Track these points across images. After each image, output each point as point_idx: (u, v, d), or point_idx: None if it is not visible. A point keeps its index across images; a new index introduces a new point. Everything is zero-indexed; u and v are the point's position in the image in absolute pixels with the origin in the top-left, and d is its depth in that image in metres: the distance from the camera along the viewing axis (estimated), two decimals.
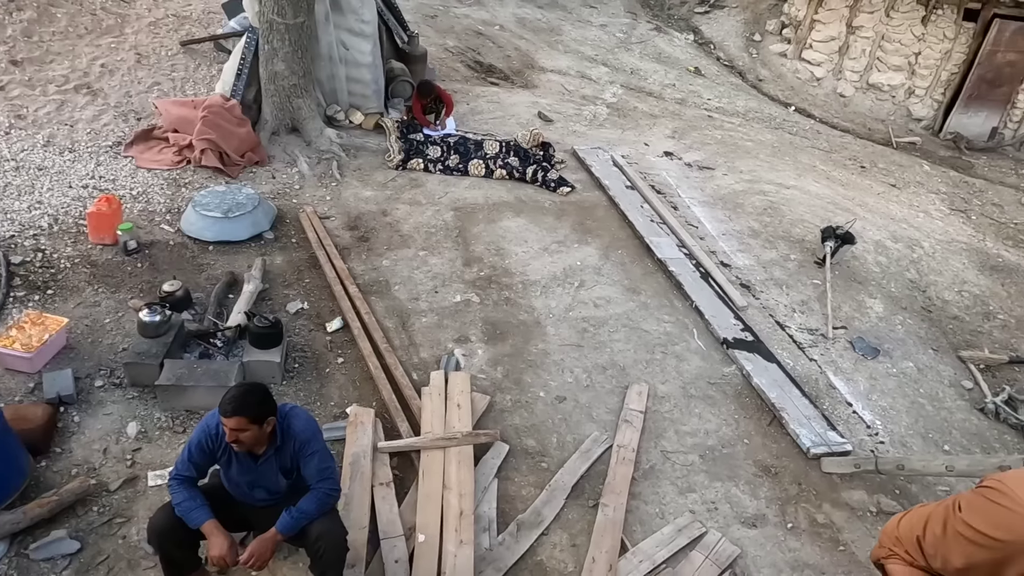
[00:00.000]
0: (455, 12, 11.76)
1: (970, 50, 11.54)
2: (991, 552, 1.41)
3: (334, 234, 6.03)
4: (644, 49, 12.54)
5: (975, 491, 1.47)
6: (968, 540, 1.46)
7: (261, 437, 3.03)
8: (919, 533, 1.60)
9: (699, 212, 7.26)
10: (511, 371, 4.95)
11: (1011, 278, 7.62)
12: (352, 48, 7.35)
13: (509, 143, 7.47)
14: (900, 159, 10.62)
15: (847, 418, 5.07)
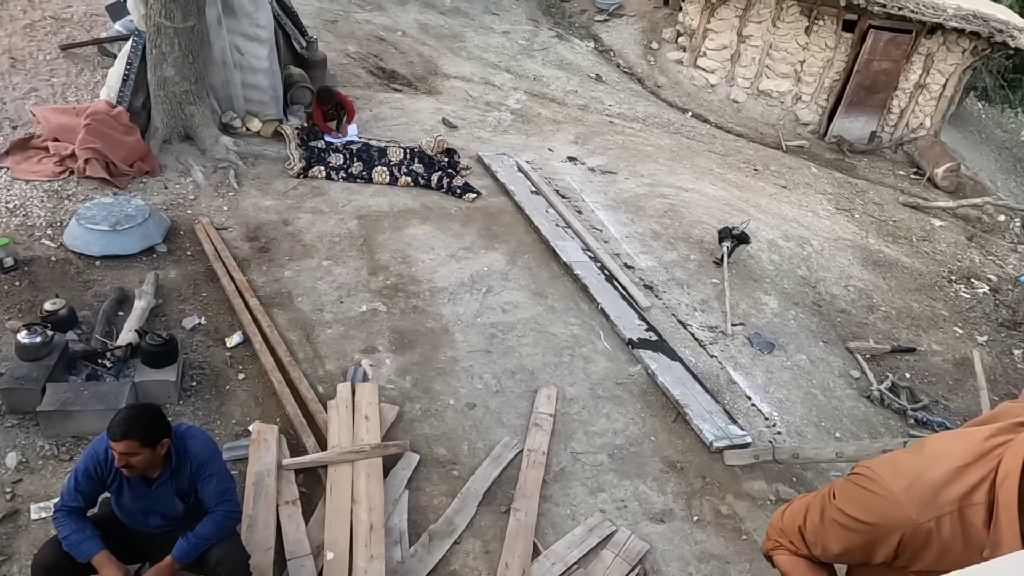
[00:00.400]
0: (356, 17, 11.60)
1: (849, 59, 12.27)
2: (862, 536, 1.47)
3: (232, 245, 5.82)
4: (546, 56, 12.71)
5: (846, 479, 1.55)
6: (841, 526, 1.51)
7: (154, 460, 2.88)
8: (800, 523, 1.65)
9: (603, 216, 7.41)
10: (420, 380, 4.91)
11: (891, 272, 8.14)
12: (247, 53, 7.13)
13: (413, 150, 7.41)
14: (790, 162, 11.17)
15: (747, 411, 5.28)
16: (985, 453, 1.37)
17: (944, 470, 1.38)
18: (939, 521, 1.37)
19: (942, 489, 1.37)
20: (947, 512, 1.36)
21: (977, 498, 1.35)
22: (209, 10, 6.71)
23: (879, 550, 1.45)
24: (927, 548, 1.40)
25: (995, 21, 11.31)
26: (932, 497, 1.37)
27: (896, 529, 1.41)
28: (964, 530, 1.36)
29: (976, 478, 1.36)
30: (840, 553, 1.56)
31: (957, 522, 1.36)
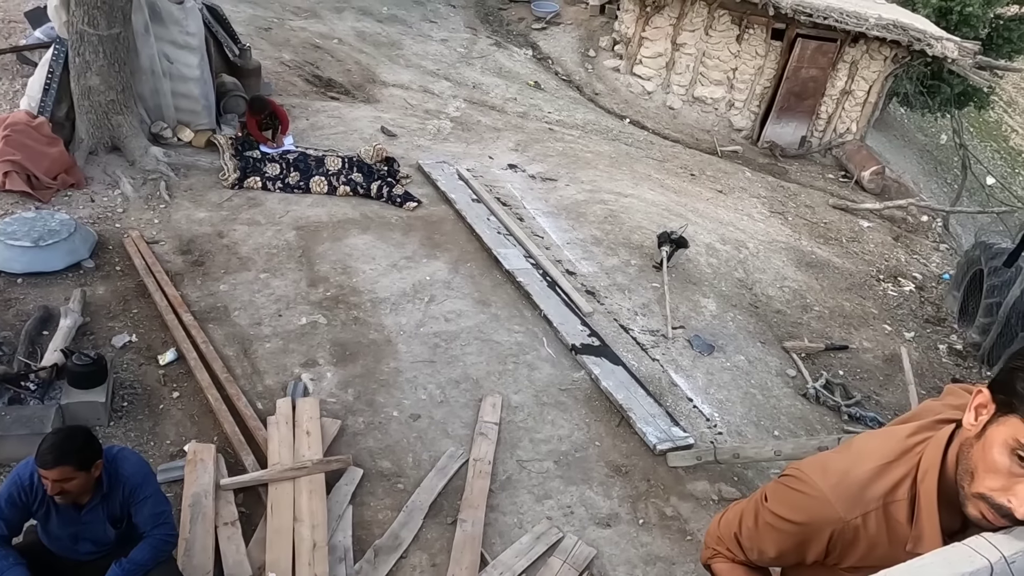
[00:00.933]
0: (291, 25, 11.41)
1: (779, 66, 12.64)
2: (795, 536, 1.50)
3: (164, 259, 5.64)
4: (485, 64, 12.74)
5: (777, 481, 1.58)
6: (775, 528, 1.54)
7: (89, 484, 2.77)
8: (736, 530, 1.67)
9: (544, 222, 7.45)
10: (363, 392, 4.83)
11: (823, 273, 8.40)
12: (177, 61, 6.93)
13: (352, 159, 7.32)
14: (725, 167, 11.44)
15: (688, 413, 5.36)
16: (907, 451, 1.41)
17: (869, 468, 1.41)
18: (865, 518, 1.40)
19: (867, 487, 1.40)
20: (873, 509, 1.40)
21: (900, 494, 1.39)
22: (135, 17, 6.51)
23: (811, 549, 1.49)
24: (855, 544, 1.43)
25: (913, 30, 11.82)
26: (858, 495, 1.41)
27: (826, 527, 1.44)
28: (889, 526, 1.40)
29: (899, 475, 1.40)
30: (776, 556, 1.58)
31: (882, 518, 1.40)
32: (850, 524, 1.41)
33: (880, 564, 1.33)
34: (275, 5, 12.07)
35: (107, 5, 6.05)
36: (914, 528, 1.38)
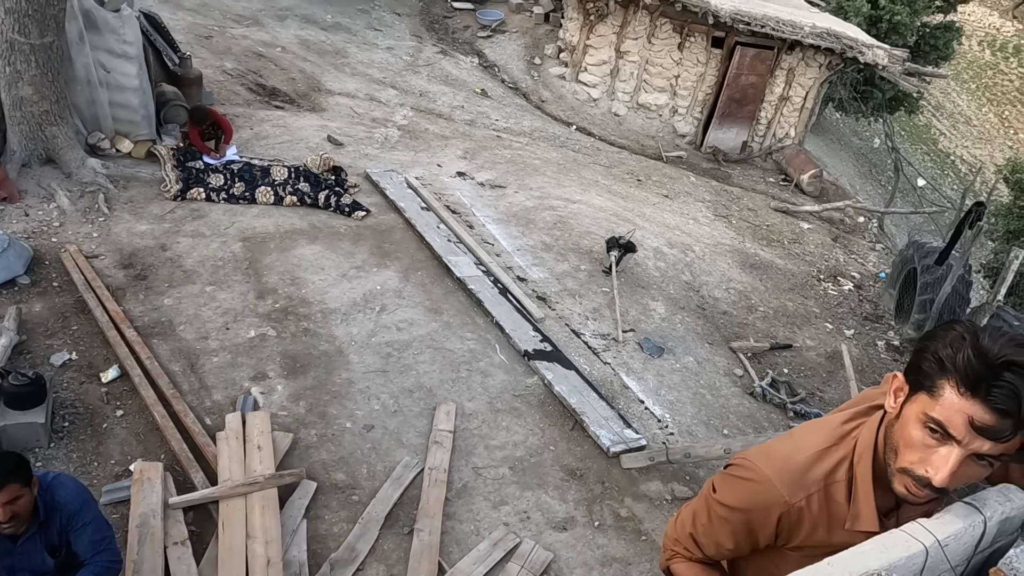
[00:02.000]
0: (232, 33, 11.22)
1: (719, 73, 12.94)
2: (746, 524, 1.56)
3: (105, 274, 5.48)
4: (432, 72, 12.73)
5: (724, 472, 1.64)
6: (726, 520, 1.60)
7: (31, 505, 2.69)
8: (690, 529, 1.71)
9: (494, 229, 7.48)
10: (315, 404, 4.78)
11: (767, 274, 8.63)
12: (114, 71, 6.75)
13: (298, 168, 7.23)
14: (670, 172, 11.65)
15: (640, 414, 5.44)
16: (843, 436, 1.50)
17: (809, 453, 1.49)
18: (809, 500, 1.48)
19: (809, 470, 1.48)
20: (815, 491, 1.48)
21: (839, 476, 1.47)
22: (69, 25, 6.32)
23: (762, 533, 1.55)
24: (800, 525, 1.50)
25: (846, 38, 12.25)
26: (801, 478, 1.48)
27: (774, 510, 1.50)
28: (829, 506, 1.48)
29: (837, 458, 1.48)
30: (734, 547, 1.63)
31: (824, 499, 1.48)
32: (795, 506, 1.48)
33: (823, 543, 1.44)
34: (215, 13, 11.85)
35: (39, 13, 5.87)
36: (852, 507, 1.47)
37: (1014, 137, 26.51)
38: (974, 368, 1.24)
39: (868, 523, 1.45)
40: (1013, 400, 1.21)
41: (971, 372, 1.24)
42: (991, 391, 1.22)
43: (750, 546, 1.61)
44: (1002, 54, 29.89)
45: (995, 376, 1.22)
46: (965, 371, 1.24)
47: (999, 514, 1.28)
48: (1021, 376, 1.21)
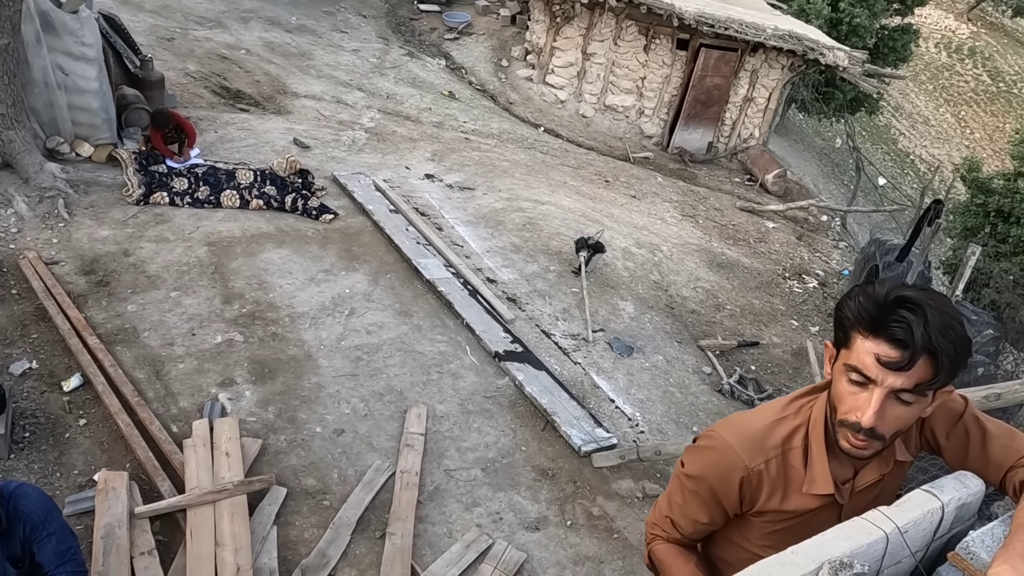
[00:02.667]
0: (195, 35, 11.07)
1: (684, 75, 13.09)
2: (712, 493, 1.65)
3: (66, 281, 5.37)
4: (399, 74, 12.68)
5: (690, 446, 1.73)
6: (695, 492, 1.68)
7: None
8: (667, 512, 1.79)
9: (463, 231, 7.47)
10: (284, 410, 4.73)
11: (734, 272, 8.74)
12: (73, 73, 6.62)
13: (264, 171, 7.16)
14: (637, 172, 11.75)
15: (611, 413, 5.48)
16: (800, 407, 1.63)
17: (767, 421, 1.62)
18: (767, 464, 1.59)
19: (767, 437, 1.60)
20: (773, 456, 1.59)
21: (795, 443, 1.59)
22: (26, 27, 6.19)
23: (728, 501, 1.65)
24: (760, 489, 1.61)
25: (808, 40, 12.47)
26: (760, 444, 1.60)
27: (734, 474, 1.60)
28: (787, 471, 1.60)
29: (793, 426, 1.61)
30: (708, 520, 1.72)
31: (781, 464, 1.59)
32: (754, 470, 1.59)
33: (782, 508, 1.59)
34: (177, 15, 11.69)
35: None
36: (808, 472, 1.58)
37: (970, 137, 27.21)
38: (870, 312, 1.39)
39: (823, 486, 1.56)
40: (908, 331, 1.35)
41: (868, 316, 1.40)
42: (888, 327, 1.37)
43: (721, 516, 1.70)
44: (958, 56, 30.66)
45: (889, 314, 1.38)
46: (864, 316, 1.40)
47: (956, 500, 1.32)
48: (911, 309, 1.36)
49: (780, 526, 1.65)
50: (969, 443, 1.58)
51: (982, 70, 30.17)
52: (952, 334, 1.38)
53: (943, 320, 1.37)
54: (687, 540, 1.83)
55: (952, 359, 1.38)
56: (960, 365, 1.40)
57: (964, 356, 1.40)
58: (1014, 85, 29.67)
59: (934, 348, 1.36)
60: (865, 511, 1.53)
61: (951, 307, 1.41)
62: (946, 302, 1.42)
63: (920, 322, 1.36)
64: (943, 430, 1.62)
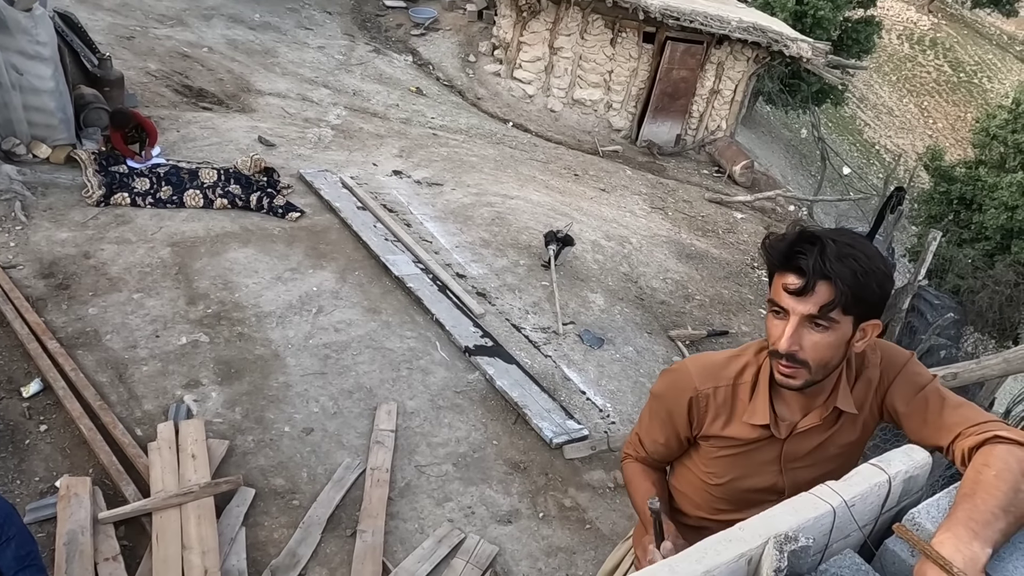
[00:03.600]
0: (155, 33, 10.89)
1: (651, 68, 13.16)
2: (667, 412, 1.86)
3: (23, 285, 5.25)
4: (365, 70, 12.59)
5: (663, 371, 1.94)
6: (655, 411, 1.90)
7: None
8: (637, 429, 2.01)
9: (432, 227, 7.44)
10: (251, 410, 4.68)
11: (703, 263, 8.81)
12: (27, 73, 6.47)
13: (228, 170, 7.06)
14: (606, 166, 11.80)
15: (582, 405, 5.49)
16: (758, 349, 1.80)
17: (725, 356, 1.83)
18: (715, 391, 1.78)
19: (722, 368, 1.80)
20: (722, 385, 1.78)
21: (746, 378, 1.77)
22: None
23: (679, 421, 1.84)
24: (707, 412, 1.79)
25: (772, 32, 12.60)
26: (714, 372, 1.80)
27: (685, 394, 1.80)
28: (734, 402, 1.77)
29: (746, 362, 1.79)
30: (664, 441, 1.91)
31: (730, 395, 1.77)
32: (702, 392, 1.78)
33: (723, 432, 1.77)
34: (137, 13, 11.48)
35: None
36: (751, 404, 1.75)
37: (933, 127, 27.71)
38: (779, 249, 1.57)
39: (760, 417, 1.72)
40: (805, 260, 1.51)
41: (777, 252, 1.57)
42: (790, 261, 1.54)
43: (675, 439, 1.89)
44: (919, 47, 31.20)
45: (790, 250, 1.55)
46: (774, 253, 1.58)
47: (903, 473, 1.33)
48: (811, 242, 1.52)
49: (723, 452, 1.81)
50: (927, 411, 1.63)
51: (943, 61, 30.75)
52: (852, 262, 1.50)
53: (841, 250, 1.51)
54: (652, 461, 2.01)
55: (852, 284, 1.50)
56: (867, 292, 1.53)
57: (869, 283, 1.52)
58: (974, 75, 30.29)
59: (828, 273, 1.50)
60: (806, 460, 1.75)
61: (859, 242, 1.54)
62: (854, 238, 1.56)
63: (816, 251, 1.51)
64: (904, 399, 1.68)
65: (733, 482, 1.82)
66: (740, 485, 1.82)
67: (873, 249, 1.56)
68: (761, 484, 1.81)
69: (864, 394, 1.72)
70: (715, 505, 1.89)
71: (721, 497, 1.87)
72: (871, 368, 1.72)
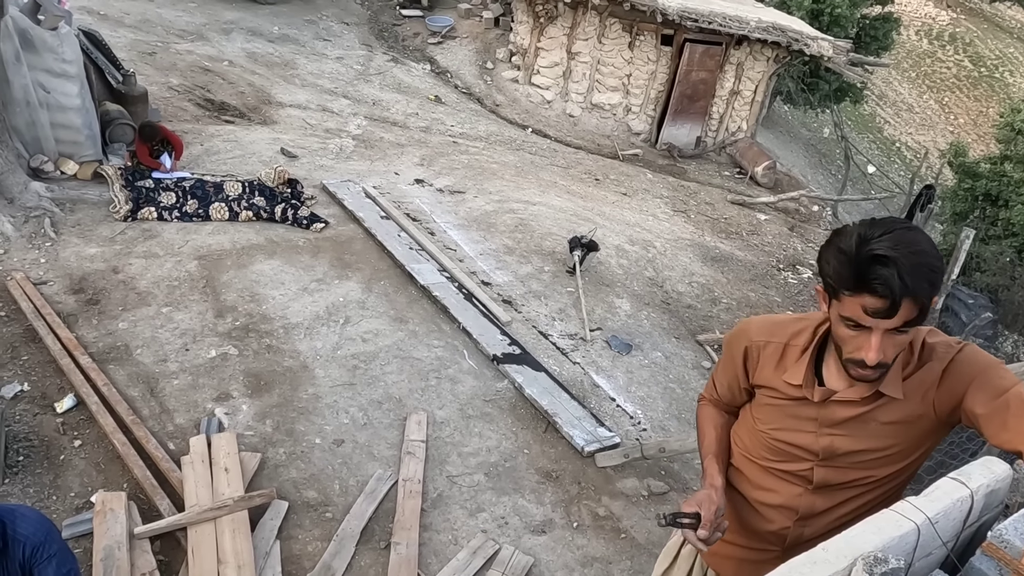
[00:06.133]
0: (176, 48, 10.99)
1: (670, 70, 13.09)
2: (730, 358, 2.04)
3: (55, 300, 5.29)
4: (384, 80, 12.63)
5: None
6: (724, 356, 2.09)
7: None
8: (713, 375, 2.19)
9: (455, 235, 7.42)
10: (282, 422, 4.67)
11: (728, 266, 8.72)
12: (54, 91, 6.54)
13: (253, 183, 7.09)
14: (627, 170, 11.73)
15: (612, 412, 5.43)
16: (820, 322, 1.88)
17: (788, 318, 1.97)
18: (767, 345, 1.93)
19: (780, 327, 1.93)
20: (775, 342, 1.91)
21: (798, 342, 1.88)
22: (5, 45, 6.11)
23: (737, 366, 2.01)
24: (757, 362, 1.95)
25: (791, 32, 12.49)
26: (770, 328, 1.95)
27: (741, 342, 1.98)
28: (780, 359, 1.90)
29: (802, 327, 1.89)
30: (727, 384, 2.10)
31: (779, 351, 1.91)
32: (755, 343, 1.95)
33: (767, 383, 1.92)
34: (158, 29, 11.61)
35: None
36: (794, 365, 1.87)
37: (955, 122, 27.36)
38: (847, 274, 1.57)
39: (793, 377, 1.85)
40: (886, 286, 1.52)
41: (848, 277, 1.57)
42: (870, 285, 1.54)
43: (735, 382, 2.05)
44: (939, 42, 30.84)
45: (865, 271, 1.54)
46: (846, 279, 1.58)
47: (984, 487, 1.28)
48: (883, 263, 1.51)
49: (769, 401, 1.95)
50: (1008, 414, 1.58)
51: (963, 56, 30.37)
52: (925, 271, 1.53)
53: (912, 261, 1.51)
54: (722, 404, 2.17)
55: (929, 293, 1.55)
56: (938, 287, 1.58)
57: (938, 282, 1.56)
58: (995, 70, 29.88)
59: (910, 292, 1.51)
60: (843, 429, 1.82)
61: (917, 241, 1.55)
62: (912, 237, 1.55)
63: (894, 273, 1.50)
64: (983, 401, 1.65)
65: (775, 431, 1.94)
66: (780, 436, 1.93)
67: (927, 239, 1.58)
68: (798, 441, 1.90)
69: (920, 383, 1.75)
70: (759, 451, 2.01)
71: (764, 444, 1.99)
72: (937, 361, 1.74)
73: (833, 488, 1.89)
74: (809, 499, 1.92)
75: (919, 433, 1.77)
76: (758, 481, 2.02)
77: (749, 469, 2.05)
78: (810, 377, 1.84)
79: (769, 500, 2.00)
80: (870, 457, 1.82)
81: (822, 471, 1.88)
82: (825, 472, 1.87)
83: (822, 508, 1.92)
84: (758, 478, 2.02)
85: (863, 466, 1.84)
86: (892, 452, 1.80)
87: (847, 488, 1.88)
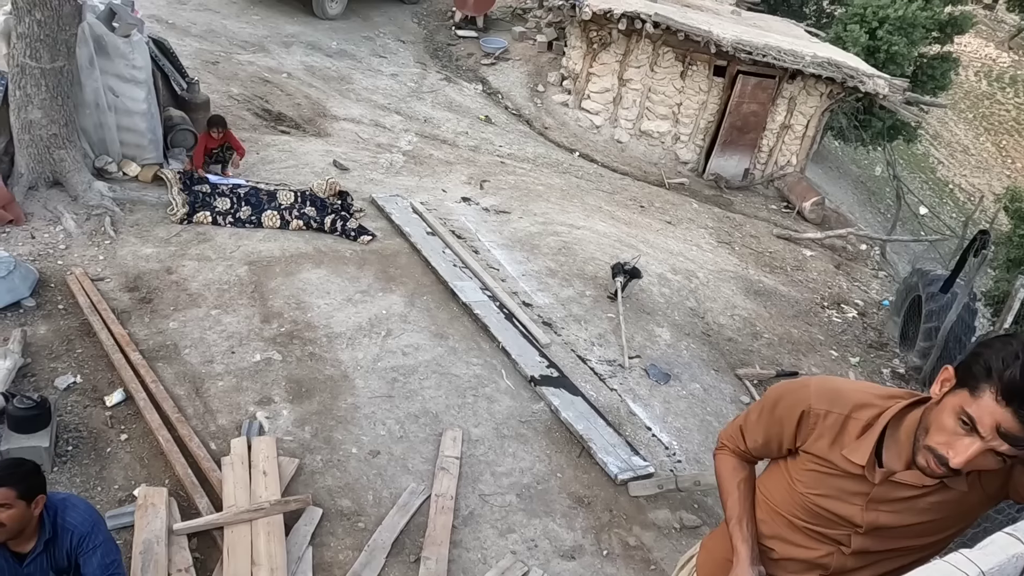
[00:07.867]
0: (238, 59, 11.33)
1: (721, 101, 13.05)
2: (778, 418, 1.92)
3: (110, 297, 5.46)
4: (436, 98, 12.82)
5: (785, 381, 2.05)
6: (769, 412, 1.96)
7: (26, 521, 2.63)
8: (741, 422, 2.08)
9: (499, 255, 7.48)
10: (320, 429, 4.74)
11: (771, 300, 8.62)
12: (123, 95, 6.79)
13: (304, 193, 7.25)
14: (672, 198, 11.70)
15: (647, 442, 5.40)
16: (888, 397, 1.81)
17: (855, 388, 1.86)
18: (828, 414, 1.81)
19: (844, 397, 1.82)
20: (836, 412, 1.80)
21: (863, 416, 1.78)
22: (80, 50, 6.38)
23: (787, 429, 1.90)
24: (813, 430, 1.84)
25: (846, 68, 12.37)
26: (834, 397, 1.83)
27: (799, 407, 1.85)
28: (840, 432, 1.80)
29: (869, 402, 1.79)
30: (764, 442, 1.99)
31: (840, 423, 1.80)
32: (814, 411, 1.82)
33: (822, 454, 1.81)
34: (222, 39, 11.98)
35: (50, 38, 5.92)
36: (856, 442, 1.77)
37: (1012, 166, 26.69)
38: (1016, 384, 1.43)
39: (860, 457, 1.74)
40: None
41: (1012, 386, 1.43)
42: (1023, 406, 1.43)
43: (775, 442, 1.95)
44: (998, 84, 30.21)
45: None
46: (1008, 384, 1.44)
47: None
48: None
49: (815, 468, 1.84)
50: None
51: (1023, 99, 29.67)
52: None
53: None
54: (748, 455, 2.07)
55: None
56: None
57: None
58: None
59: None
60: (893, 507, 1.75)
61: None
62: None
63: None
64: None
65: (817, 497, 1.86)
66: (822, 503, 1.85)
67: None
68: (841, 511, 1.82)
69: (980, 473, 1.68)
70: (794, 510, 1.93)
71: (802, 506, 1.91)
72: None
73: (869, 553, 1.85)
74: (841, 559, 1.87)
75: (966, 509, 1.75)
76: (787, 536, 1.95)
77: (778, 523, 1.97)
78: (872, 458, 1.75)
79: (797, 555, 1.94)
80: (914, 531, 1.79)
81: (861, 539, 1.83)
82: (864, 541, 1.83)
83: (853, 568, 1.88)
84: (787, 533, 1.95)
85: (904, 537, 1.80)
86: (936, 525, 1.77)
87: (882, 554, 1.85)
